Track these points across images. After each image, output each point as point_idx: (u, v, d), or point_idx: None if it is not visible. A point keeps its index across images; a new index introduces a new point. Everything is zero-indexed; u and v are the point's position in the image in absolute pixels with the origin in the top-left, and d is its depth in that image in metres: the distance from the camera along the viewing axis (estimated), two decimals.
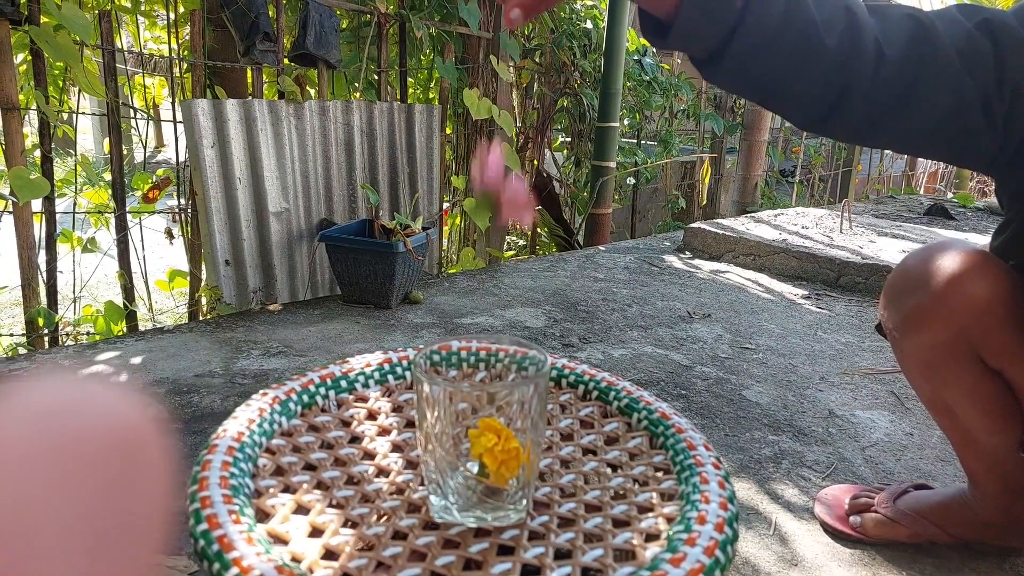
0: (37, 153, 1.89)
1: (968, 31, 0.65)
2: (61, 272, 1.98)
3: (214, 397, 1.34)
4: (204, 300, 2.13)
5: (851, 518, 1.00)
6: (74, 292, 2.15)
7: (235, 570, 0.42)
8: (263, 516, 0.51)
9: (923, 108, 0.66)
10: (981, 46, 0.65)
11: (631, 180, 3.94)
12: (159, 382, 1.40)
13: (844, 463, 1.22)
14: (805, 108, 0.68)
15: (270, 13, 2.09)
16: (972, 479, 0.91)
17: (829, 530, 1.02)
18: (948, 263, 0.79)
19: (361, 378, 0.70)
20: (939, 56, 0.64)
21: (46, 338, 1.92)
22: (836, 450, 1.26)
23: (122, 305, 2.09)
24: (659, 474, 0.62)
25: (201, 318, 2.12)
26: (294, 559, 0.47)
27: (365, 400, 0.69)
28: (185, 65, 2.27)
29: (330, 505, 0.54)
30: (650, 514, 0.56)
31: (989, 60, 0.65)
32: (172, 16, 2.23)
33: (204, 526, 0.46)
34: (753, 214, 3.30)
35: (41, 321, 1.87)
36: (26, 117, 1.99)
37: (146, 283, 2.28)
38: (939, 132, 0.68)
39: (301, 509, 0.53)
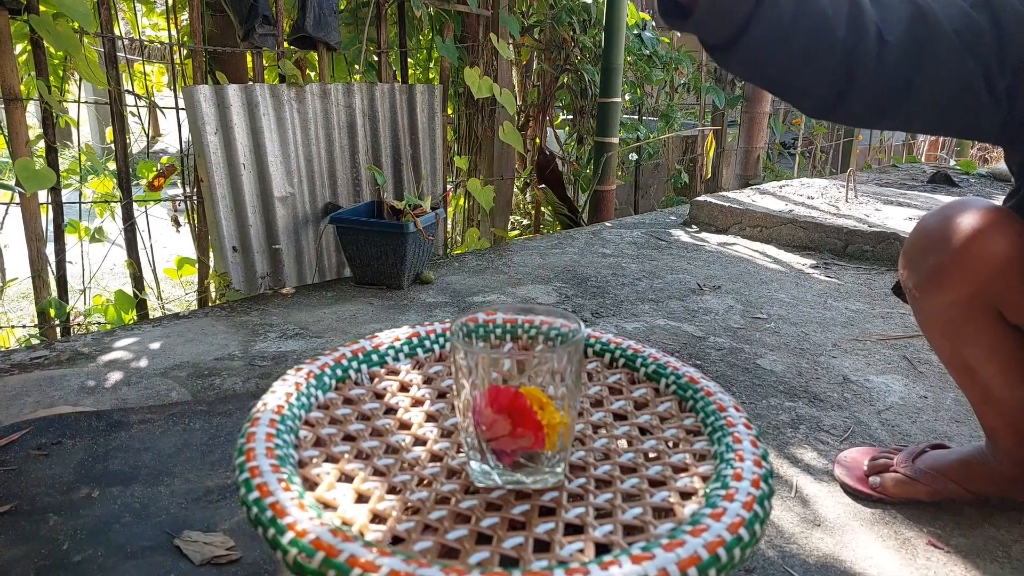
0: (40, 144, 1.88)
1: (965, 11, 0.67)
2: (71, 263, 1.99)
3: (235, 379, 1.35)
4: (213, 287, 2.13)
5: (871, 479, 1.02)
6: (83, 282, 2.16)
7: (290, 534, 0.43)
8: (309, 484, 0.52)
9: (926, 90, 0.67)
10: (979, 25, 0.66)
11: (633, 156, 3.92)
12: (179, 366, 1.41)
13: (861, 427, 1.23)
14: (814, 97, 0.70)
15: None
16: (991, 436, 0.92)
17: (849, 491, 1.03)
18: (967, 221, 0.79)
19: (391, 352, 0.71)
20: (938, 38, 0.66)
21: (58, 329, 1.93)
22: (852, 414, 1.27)
23: (132, 294, 2.10)
24: (691, 436, 0.63)
25: (211, 305, 2.13)
26: (344, 523, 0.48)
27: (396, 373, 0.70)
28: (185, 51, 2.26)
29: (372, 473, 0.55)
30: (684, 474, 0.57)
31: (988, 38, 0.66)
32: (170, 2, 2.21)
33: (256, 494, 0.47)
34: (758, 186, 3.29)
35: (52, 312, 1.88)
36: (27, 108, 1.98)
37: (154, 272, 2.28)
38: (945, 112, 0.70)
39: (345, 477, 0.54)
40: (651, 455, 0.60)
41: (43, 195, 1.82)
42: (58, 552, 0.86)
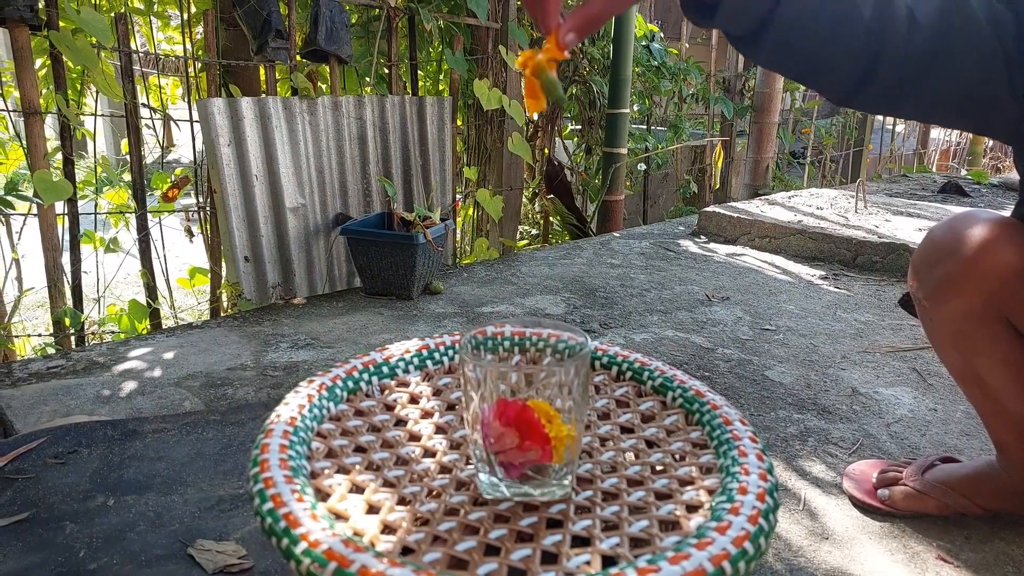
0: (58, 156, 1.92)
1: (989, 2, 0.65)
2: (86, 272, 2.02)
3: (247, 389, 1.37)
4: (225, 297, 2.16)
5: (879, 492, 1.01)
6: (97, 292, 2.19)
7: (303, 544, 0.44)
8: (321, 495, 0.53)
9: (953, 75, 0.66)
10: (1002, 16, 0.65)
11: (642, 166, 3.94)
12: (192, 376, 1.43)
13: (870, 439, 1.23)
14: (839, 80, 0.68)
15: (282, 11, 2.11)
16: (1001, 449, 0.92)
17: (858, 504, 1.03)
18: (976, 232, 0.80)
19: (401, 364, 0.72)
20: (970, 23, 0.64)
21: (73, 338, 1.96)
22: (861, 427, 1.27)
23: (145, 303, 2.12)
24: (697, 449, 0.63)
25: (222, 314, 2.15)
26: (356, 534, 0.49)
27: (406, 385, 0.71)
28: (199, 65, 2.29)
29: (383, 484, 0.56)
30: (690, 487, 0.58)
31: (1010, 30, 0.65)
32: (185, 16, 2.25)
33: (270, 504, 0.48)
34: (767, 196, 3.29)
35: (68, 321, 1.91)
36: (46, 120, 2.01)
37: (167, 281, 2.31)
38: (966, 100, 0.68)
39: (356, 488, 0.55)
40: (657, 468, 0.61)
41: (59, 206, 1.86)
42: (74, 560, 0.87)
